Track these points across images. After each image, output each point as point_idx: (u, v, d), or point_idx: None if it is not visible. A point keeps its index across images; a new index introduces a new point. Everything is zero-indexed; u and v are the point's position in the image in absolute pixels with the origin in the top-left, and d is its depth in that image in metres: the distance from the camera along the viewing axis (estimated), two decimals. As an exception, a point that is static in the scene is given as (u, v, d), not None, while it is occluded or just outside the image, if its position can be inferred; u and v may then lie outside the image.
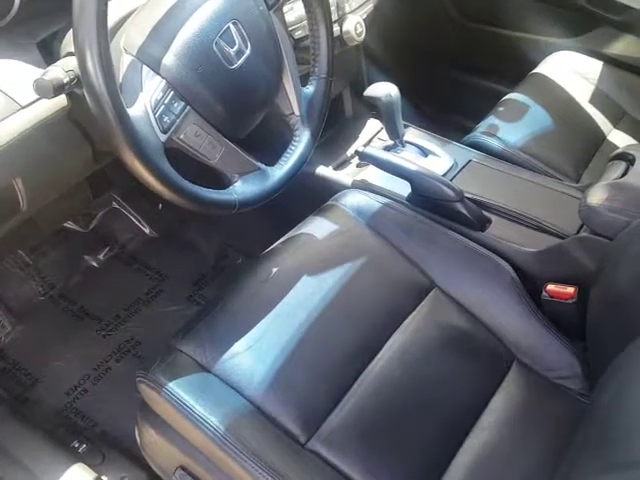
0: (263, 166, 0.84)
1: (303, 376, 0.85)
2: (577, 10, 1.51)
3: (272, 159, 0.87)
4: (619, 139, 1.33)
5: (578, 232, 1.00)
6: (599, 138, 1.33)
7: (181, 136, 0.72)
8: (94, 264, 1.42)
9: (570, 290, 0.94)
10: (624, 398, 0.62)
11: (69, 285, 1.38)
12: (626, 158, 0.99)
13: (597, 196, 0.92)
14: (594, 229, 0.92)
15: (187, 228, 1.48)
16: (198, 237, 1.47)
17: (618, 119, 1.37)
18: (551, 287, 0.96)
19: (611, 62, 1.45)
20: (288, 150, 0.87)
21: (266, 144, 0.87)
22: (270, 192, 0.84)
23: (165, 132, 0.70)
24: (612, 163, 1.01)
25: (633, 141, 1.34)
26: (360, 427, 0.82)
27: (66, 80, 0.67)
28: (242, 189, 0.80)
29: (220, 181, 0.82)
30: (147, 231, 1.49)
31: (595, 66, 1.44)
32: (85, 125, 0.84)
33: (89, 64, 0.62)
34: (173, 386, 0.80)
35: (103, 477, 1.00)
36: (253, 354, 0.85)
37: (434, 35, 1.72)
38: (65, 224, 1.41)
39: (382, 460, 0.80)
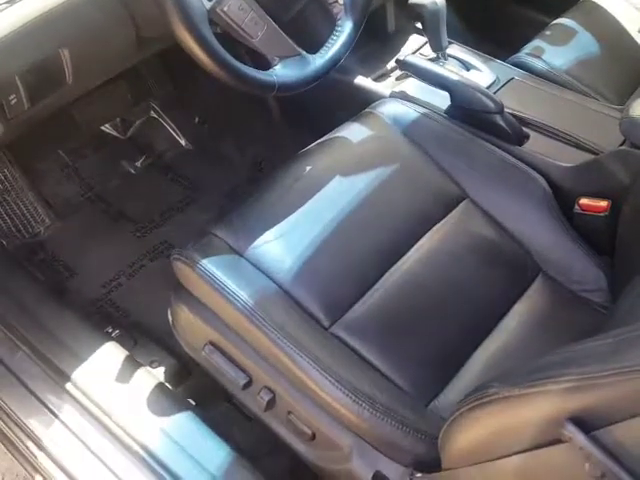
0: (304, 52, 0.84)
1: (330, 267, 0.87)
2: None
3: (313, 47, 0.87)
4: (668, 70, 1.29)
5: (617, 150, 0.99)
6: (646, 69, 1.29)
7: (225, 8, 0.73)
8: (131, 170, 1.45)
9: (603, 204, 0.94)
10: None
11: (107, 188, 1.41)
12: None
13: (639, 109, 0.90)
14: (634, 141, 0.91)
15: (222, 141, 1.50)
16: (233, 150, 1.49)
17: (667, 50, 1.33)
18: (584, 200, 0.96)
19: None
20: (330, 39, 0.87)
21: (308, 32, 0.88)
22: (310, 79, 0.84)
23: (210, 0, 0.70)
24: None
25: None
26: (382, 320, 0.84)
27: None
28: (282, 72, 0.81)
29: (261, 66, 0.83)
30: (183, 142, 1.51)
31: (649, -4, 1.39)
32: (133, 6, 0.84)
33: None
34: (207, 263, 0.83)
35: (135, 358, 1.05)
36: (283, 243, 0.88)
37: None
38: (104, 129, 1.44)
39: (400, 350, 0.82)
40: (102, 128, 1.43)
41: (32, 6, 0.71)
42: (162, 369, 1.05)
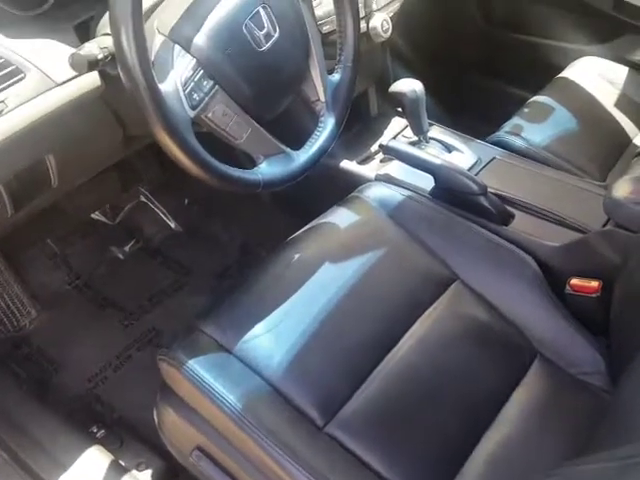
0: (288, 149, 0.85)
1: (322, 361, 0.85)
2: (603, 17, 1.51)
3: (297, 144, 0.88)
4: (645, 142, 1.32)
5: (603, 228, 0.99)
6: (625, 141, 1.32)
7: (209, 114, 0.74)
8: (120, 256, 1.44)
9: (594, 284, 0.93)
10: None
11: (95, 275, 1.40)
12: (653, 154, 0.98)
13: (622, 189, 0.91)
14: (619, 222, 0.91)
15: (212, 223, 1.50)
16: (222, 232, 1.49)
17: (644, 123, 1.36)
18: (575, 281, 0.95)
19: (636, 68, 1.45)
20: (313, 135, 0.89)
21: (292, 129, 0.89)
22: (294, 175, 0.85)
23: (194, 108, 0.72)
24: (637, 159, 1.01)
25: (659, 143, 1.32)
26: (379, 414, 0.82)
27: (100, 56, 0.70)
28: (267, 170, 0.82)
29: (245, 164, 0.84)
30: (172, 225, 1.51)
31: (621, 72, 1.44)
32: (118, 108, 0.86)
33: (123, 37, 0.64)
34: (193, 364, 0.81)
35: (120, 461, 1.00)
36: (273, 337, 0.86)
37: (459, 38, 1.73)
38: (93, 216, 1.44)
39: (401, 448, 0.79)
40: (91, 215, 1.44)
41: (18, 117, 0.72)
42: (149, 472, 1.00)
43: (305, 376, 0.83)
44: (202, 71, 0.73)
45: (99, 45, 0.70)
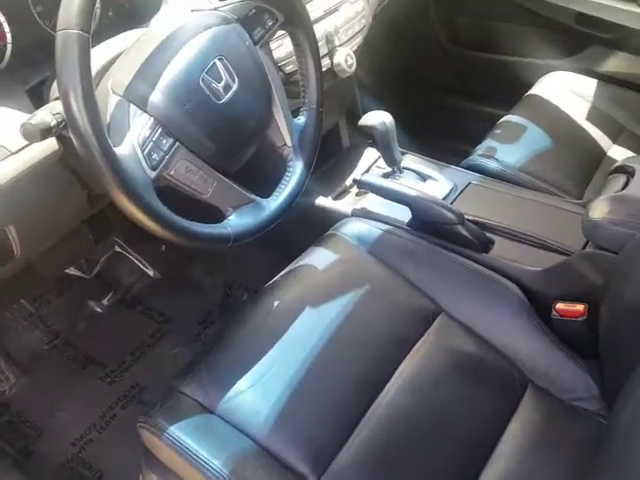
0: (257, 198, 0.83)
1: (309, 412, 0.82)
2: (567, 31, 1.53)
3: (267, 191, 0.86)
4: (619, 154, 1.32)
5: (584, 248, 0.98)
6: (599, 155, 1.32)
7: (171, 172, 0.72)
8: (98, 309, 1.41)
9: (580, 308, 0.92)
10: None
11: (73, 332, 1.36)
12: (626, 171, 0.98)
13: (599, 210, 0.90)
14: (598, 243, 0.90)
15: (191, 268, 1.48)
16: (202, 276, 1.46)
17: (617, 135, 1.37)
18: (560, 306, 0.94)
19: (605, 79, 1.46)
20: (282, 181, 0.87)
21: (260, 176, 0.87)
22: (265, 224, 0.83)
23: (154, 169, 0.70)
24: (612, 177, 1.00)
25: (633, 154, 1.32)
26: (371, 462, 0.79)
27: (53, 123, 0.67)
28: (236, 222, 0.79)
29: (214, 215, 0.81)
30: (151, 273, 1.48)
31: (589, 84, 1.44)
32: (79, 169, 0.84)
33: (73, 104, 0.62)
34: (174, 430, 0.78)
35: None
36: (256, 392, 0.83)
37: (426, 62, 1.74)
38: (68, 271, 1.40)
39: (397, 497, 0.77)
40: (66, 270, 1.40)
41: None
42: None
43: (293, 431, 0.80)
44: (160, 129, 0.71)
45: (51, 112, 0.68)
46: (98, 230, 1.30)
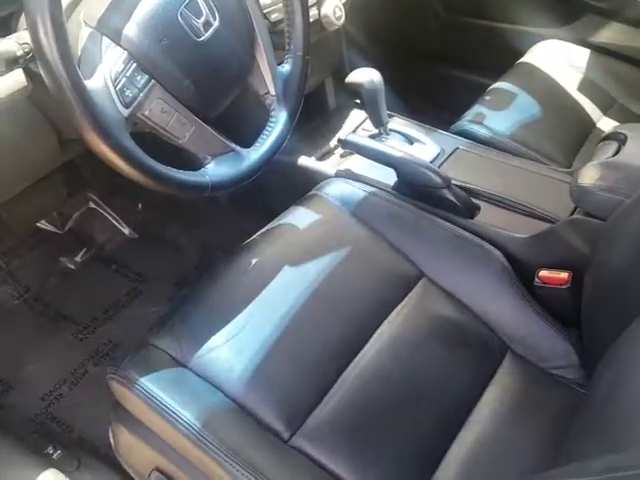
0: (237, 147, 0.79)
1: (285, 369, 0.80)
2: (562, -1, 1.49)
3: (248, 141, 0.82)
4: (609, 126, 1.30)
5: (571, 216, 0.97)
6: (589, 125, 1.30)
7: (146, 112, 0.68)
8: (71, 266, 1.37)
9: (564, 275, 0.91)
10: (622, 382, 0.59)
11: (45, 288, 1.32)
12: (617, 138, 0.96)
13: (589, 176, 0.88)
14: (586, 210, 0.89)
15: (168, 227, 1.44)
16: (179, 236, 1.42)
17: (607, 106, 1.35)
18: (544, 273, 0.92)
19: (598, 50, 1.43)
20: (264, 132, 0.83)
21: (241, 125, 0.83)
22: (245, 175, 0.79)
23: (127, 106, 0.66)
24: (603, 143, 0.98)
25: (622, 127, 1.31)
26: (347, 422, 0.78)
27: (20, 53, 0.63)
28: (215, 171, 0.76)
29: (193, 164, 0.78)
30: (126, 232, 1.44)
31: (582, 54, 1.42)
32: (48, 109, 0.79)
33: (41, 32, 0.58)
34: (145, 381, 0.75)
35: (77, 484, 0.94)
36: (232, 347, 0.81)
37: (416, 25, 1.70)
38: (40, 225, 1.36)
39: (371, 456, 0.75)
40: (38, 225, 1.35)
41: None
42: (108, 493, 0.95)
43: (268, 387, 0.78)
44: (135, 64, 0.67)
45: (17, 41, 0.63)
46: (71, 183, 1.26)
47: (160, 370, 0.77)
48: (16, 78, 0.71)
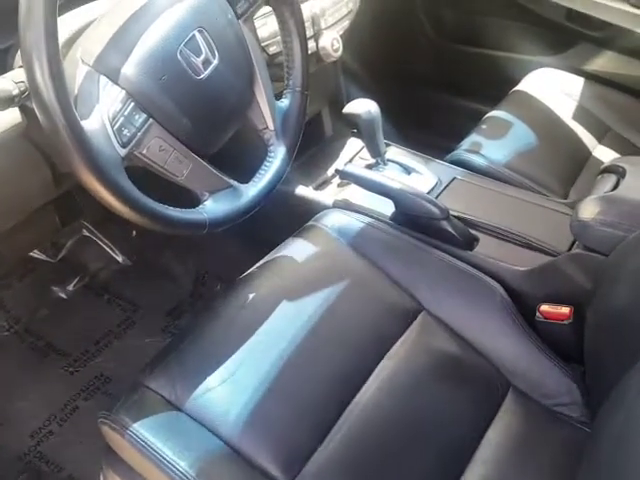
0: (235, 183, 0.78)
1: (283, 410, 0.78)
2: (556, 28, 1.50)
3: (245, 176, 0.81)
4: (605, 155, 1.30)
5: (570, 249, 0.96)
6: (584, 154, 1.30)
7: (143, 151, 0.67)
8: (63, 296, 1.34)
9: (565, 310, 0.89)
10: (634, 425, 0.57)
11: (35, 319, 1.30)
12: (616, 171, 0.95)
13: (589, 210, 0.88)
14: (587, 244, 0.88)
15: (162, 255, 1.42)
16: (174, 264, 1.41)
17: (602, 135, 1.35)
18: (545, 308, 0.91)
19: (592, 78, 1.44)
20: (262, 167, 0.82)
21: (239, 160, 0.82)
22: (243, 211, 0.78)
23: (125, 146, 0.64)
24: (602, 176, 0.98)
25: (618, 156, 1.31)
26: (348, 465, 0.75)
27: (16, 92, 0.62)
28: (213, 208, 0.74)
29: (190, 200, 0.76)
30: (120, 259, 1.42)
31: (576, 82, 1.42)
32: (43, 145, 0.77)
33: (37, 71, 0.56)
34: (138, 427, 0.73)
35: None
36: (228, 388, 0.78)
37: (412, 54, 1.71)
38: (32, 254, 1.33)
39: (371, 501, 0.73)
40: (29, 253, 1.33)
41: None
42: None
43: (265, 431, 0.76)
44: (133, 103, 0.65)
45: (13, 80, 0.62)
46: (65, 212, 1.23)
47: (154, 414, 0.75)
48: (10, 114, 0.70)
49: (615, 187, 0.92)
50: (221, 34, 0.73)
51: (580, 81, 1.42)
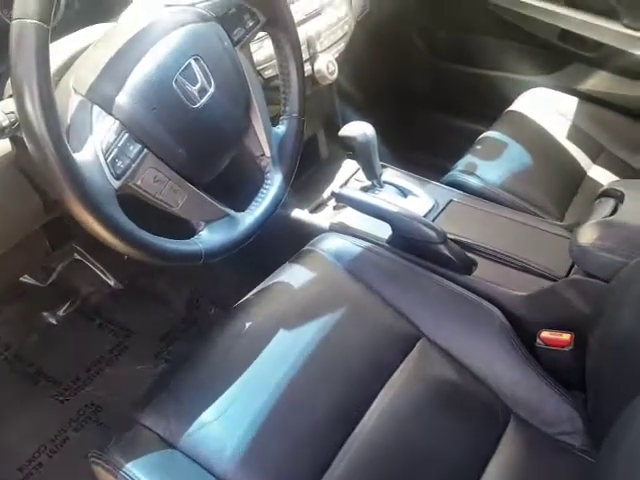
0: (232, 212, 0.77)
1: (282, 445, 0.76)
2: (550, 48, 1.51)
3: (242, 204, 0.80)
4: (599, 175, 1.30)
5: (568, 273, 0.95)
6: (579, 175, 1.30)
7: (138, 182, 0.65)
8: (53, 321, 1.31)
9: (566, 337, 0.88)
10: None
11: (25, 345, 1.27)
12: (614, 195, 0.95)
13: (588, 235, 0.87)
14: (587, 270, 0.87)
15: (155, 279, 1.39)
16: (167, 288, 1.38)
17: (596, 154, 1.35)
18: (545, 334, 0.90)
19: (586, 98, 1.44)
20: (259, 194, 0.80)
21: (235, 188, 0.81)
22: (239, 240, 0.76)
23: (118, 178, 0.62)
24: (600, 200, 0.97)
25: (613, 177, 1.31)
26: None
27: (5, 123, 0.60)
28: (208, 238, 0.73)
29: (185, 230, 0.75)
30: (112, 283, 1.39)
31: (570, 102, 1.43)
32: (33, 175, 0.76)
33: (27, 102, 0.55)
34: (131, 467, 0.70)
35: None
36: (224, 423, 0.76)
37: (407, 75, 1.71)
38: (22, 279, 1.31)
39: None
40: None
41: None
42: None
43: (262, 467, 0.74)
44: (127, 134, 0.64)
45: (3, 110, 0.60)
46: (55, 236, 1.21)
47: (147, 453, 0.72)
48: (0, 145, 0.69)
49: (614, 211, 0.91)
50: (217, 62, 0.72)
51: (574, 101, 1.42)
